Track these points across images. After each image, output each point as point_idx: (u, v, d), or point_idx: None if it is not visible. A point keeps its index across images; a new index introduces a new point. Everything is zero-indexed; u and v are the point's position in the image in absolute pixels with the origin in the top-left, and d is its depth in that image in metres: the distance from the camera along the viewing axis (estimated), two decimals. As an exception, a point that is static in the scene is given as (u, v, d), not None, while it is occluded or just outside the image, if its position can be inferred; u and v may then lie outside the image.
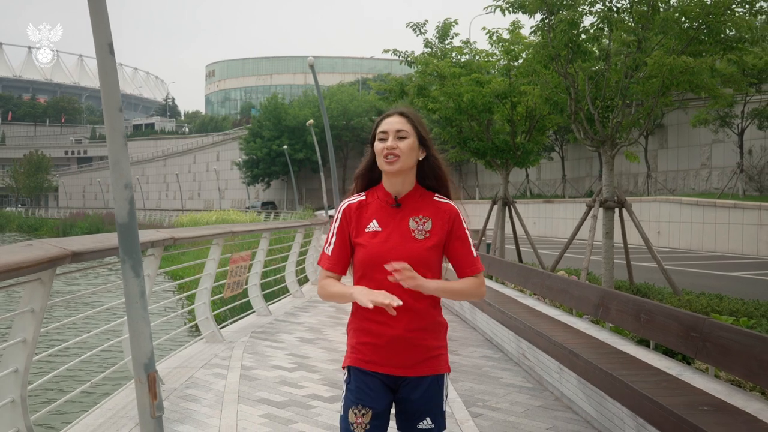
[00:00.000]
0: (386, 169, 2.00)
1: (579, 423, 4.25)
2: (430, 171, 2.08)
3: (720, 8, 6.17)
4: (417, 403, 2.02)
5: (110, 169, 3.87)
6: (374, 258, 1.97)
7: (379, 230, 2.01)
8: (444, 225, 2.03)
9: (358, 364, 2.03)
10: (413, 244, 1.99)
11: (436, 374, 2.04)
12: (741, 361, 3.45)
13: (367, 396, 2.00)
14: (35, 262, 3.21)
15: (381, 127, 2.05)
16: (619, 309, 4.80)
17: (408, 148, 2.00)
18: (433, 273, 2.00)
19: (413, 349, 1.99)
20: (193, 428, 4.14)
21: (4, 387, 3.32)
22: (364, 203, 2.06)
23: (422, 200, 2.06)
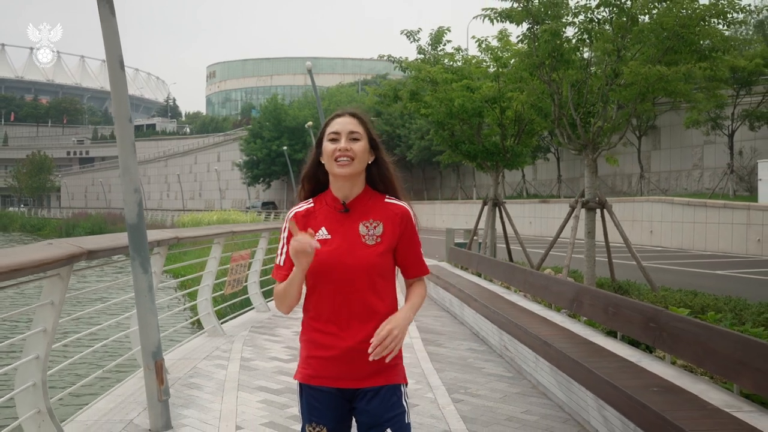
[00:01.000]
0: (338, 172, 1.90)
1: (551, 407, 4.63)
2: (379, 175, 1.99)
3: (694, 20, 6.55)
4: (375, 414, 1.92)
5: (121, 175, 4.28)
6: (325, 267, 1.89)
7: (329, 237, 1.92)
8: (395, 228, 1.95)
9: (309, 381, 1.94)
10: (364, 251, 1.90)
11: (392, 384, 1.94)
12: (690, 348, 3.83)
13: (321, 413, 1.94)
14: (56, 259, 3.57)
15: (332, 127, 1.95)
16: (591, 303, 5.18)
17: (361, 150, 1.92)
18: (385, 279, 1.94)
19: (366, 360, 1.86)
20: (196, 412, 4.51)
21: (27, 371, 3.67)
22: (312, 210, 1.98)
23: (371, 203, 1.97)
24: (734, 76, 17.38)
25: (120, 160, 4.22)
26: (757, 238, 16.03)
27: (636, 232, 20.18)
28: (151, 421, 4.19)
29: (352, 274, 1.89)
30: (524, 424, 4.28)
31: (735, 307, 6.31)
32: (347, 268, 1.89)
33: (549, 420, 4.36)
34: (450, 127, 10.97)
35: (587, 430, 4.11)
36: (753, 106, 19.21)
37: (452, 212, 31.73)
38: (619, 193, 26.82)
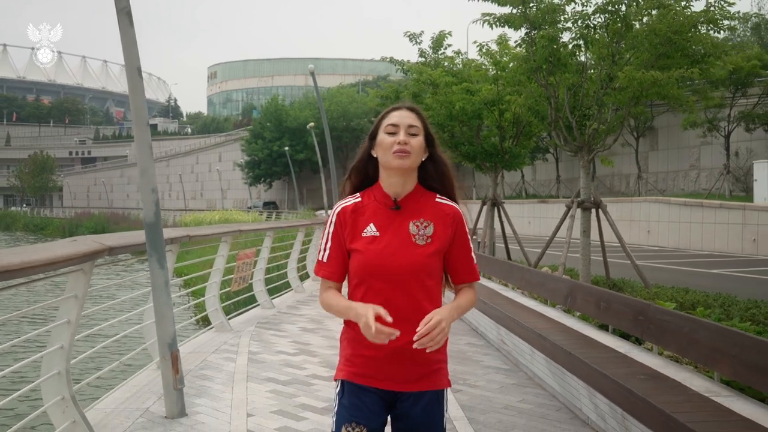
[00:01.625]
0: (395, 164, 1.85)
1: (546, 397, 4.88)
2: (434, 172, 1.95)
3: (686, 27, 6.79)
4: (417, 420, 1.89)
5: (139, 177, 4.54)
6: (373, 266, 1.85)
7: (377, 235, 1.87)
8: (447, 229, 1.90)
9: (353, 378, 1.90)
10: (414, 251, 1.85)
11: (437, 389, 1.92)
12: (675, 339, 4.08)
13: (362, 413, 1.88)
14: (80, 254, 3.80)
15: (390, 119, 1.90)
16: (584, 298, 5.43)
17: (419, 145, 1.88)
18: (434, 280, 1.89)
19: (414, 362, 1.86)
20: (209, 401, 4.76)
21: (52, 360, 3.91)
22: (360, 205, 1.92)
23: (423, 202, 1.92)
24: (731, 77, 17.66)
25: (138, 162, 4.47)
26: (753, 238, 16.27)
27: (634, 231, 20.43)
28: (167, 409, 4.43)
29: (401, 273, 1.84)
30: (520, 412, 4.53)
31: (724, 303, 6.56)
32: (396, 268, 1.84)
33: (543, 408, 4.61)
34: (450, 128, 11.24)
35: (579, 417, 4.36)
36: (749, 107, 19.47)
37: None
38: (617, 193, 27.09)
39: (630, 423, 3.58)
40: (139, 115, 4.52)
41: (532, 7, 7.60)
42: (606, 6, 7.21)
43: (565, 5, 7.83)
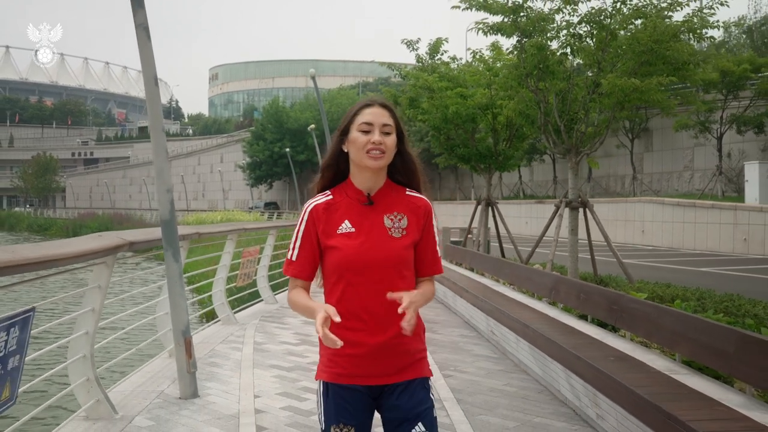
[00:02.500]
0: (370, 165, 1.85)
1: (529, 381, 5.29)
2: (402, 166, 1.95)
3: (667, 36, 7.20)
4: (405, 408, 1.88)
5: (155, 178, 4.97)
6: (351, 261, 1.84)
7: (353, 231, 1.87)
8: (419, 221, 1.92)
9: (336, 379, 1.88)
10: (391, 244, 1.86)
11: (422, 377, 1.92)
12: (643, 325, 4.49)
13: (349, 413, 1.88)
14: (105, 248, 4.22)
15: (363, 117, 1.87)
16: (566, 291, 5.84)
17: (393, 144, 1.87)
18: (411, 272, 1.91)
19: (397, 355, 1.87)
20: (219, 385, 5.18)
21: (78, 345, 4.32)
22: (332, 203, 1.92)
23: (394, 196, 1.93)
24: (723, 81, 18.08)
25: (155, 165, 4.89)
26: (743, 238, 16.66)
27: (628, 231, 20.84)
28: (180, 390, 4.84)
29: (381, 267, 1.84)
30: (504, 394, 4.94)
31: (701, 296, 6.96)
32: (375, 262, 1.84)
33: (526, 391, 5.02)
34: (446, 131, 11.67)
35: (557, 397, 4.77)
36: (740, 110, 19.88)
37: (451, 212, 32.38)
38: (612, 193, 27.50)
39: (599, 399, 3.99)
40: (156, 122, 4.95)
41: (523, 16, 8.02)
42: (591, 16, 7.62)
43: (554, 14, 8.23)
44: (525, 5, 7.96)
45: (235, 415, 4.44)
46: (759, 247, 16.19)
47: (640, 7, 7.70)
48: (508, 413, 4.46)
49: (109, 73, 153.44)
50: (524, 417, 4.39)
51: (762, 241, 16.12)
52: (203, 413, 4.46)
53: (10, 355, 3.19)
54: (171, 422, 4.26)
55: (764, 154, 21.22)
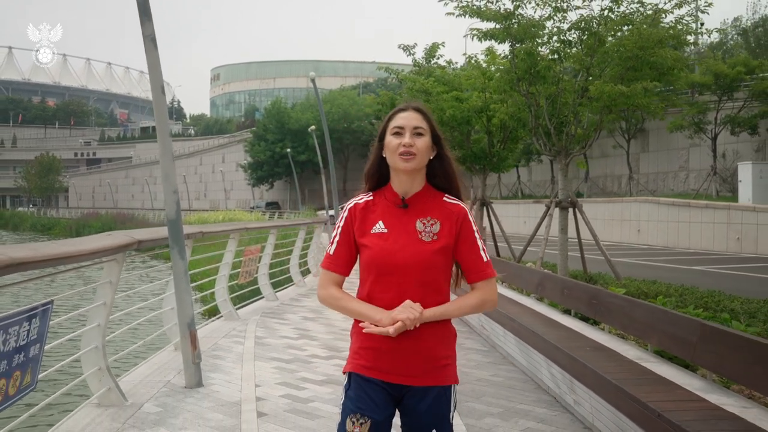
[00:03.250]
0: (401, 167, 1.91)
1: (515, 372, 5.59)
2: (440, 170, 1.99)
3: (652, 43, 7.49)
4: (424, 415, 1.91)
5: (162, 180, 5.28)
6: (380, 260, 1.90)
7: (385, 231, 1.93)
8: (453, 226, 1.94)
9: (359, 370, 1.93)
10: (420, 247, 1.90)
11: (443, 385, 1.93)
12: (619, 318, 4.80)
13: (367, 405, 1.90)
14: (116, 246, 4.52)
15: (396, 121, 1.94)
16: (551, 287, 6.15)
17: (425, 146, 1.92)
18: (441, 276, 1.93)
19: (420, 357, 1.90)
20: (222, 375, 5.48)
21: (91, 336, 4.62)
22: (371, 203, 2.00)
23: (431, 201, 1.97)
24: (717, 82, 18.37)
25: (161, 167, 5.21)
26: (737, 237, 16.94)
27: (624, 230, 21.13)
28: (186, 380, 5.14)
29: (407, 269, 1.88)
30: (491, 383, 5.24)
31: (684, 293, 7.26)
32: (402, 263, 1.88)
33: (512, 381, 5.33)
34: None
35: (540, 386, 5.07)
36: (735, 111, 20.16)
37: (450, 212, 32.73)
38: (609, 193, 27.80)
39: (576, 386, 4.29)
40: (162, 128, 5.26)
41: (514, 23, 8.31)
42: (579, 23, 7.91)
43: (545, 21, 8.53)
44: (516, 12, 8.26)
45: (237, 402, 4.74)
46: (752, 246, 16.47)
47: (628, 14, 7.99)
48: (493, 401, 4.77)
49: (112, 74, 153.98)
50: (508, 404, 4.69)
51: (755, 240, 16.40)
52: (207, 401, 4.76)
53: (32, 343, 3.49)
54: (177, 409, 4.57)
55: (758, 154, 21.52)
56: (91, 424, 4.22)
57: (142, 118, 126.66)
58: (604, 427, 3.85)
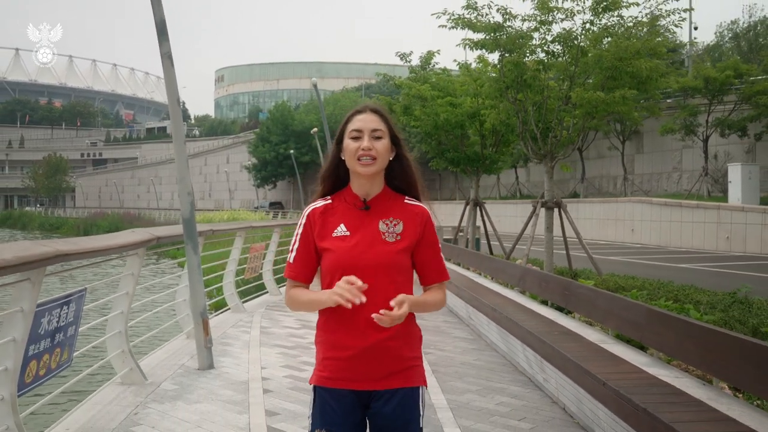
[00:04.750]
0: (360, 171, 1.88)
1: (496, 357, 6.17)
2: (400, 172, 1.97)
3: (628, 54, 8.05)
4: (390, 419, 1.88)
5: (178, 183, 5.89)
6: (344, 263, 1.86)
7: (348, 234, 1.90)
8: (416, 228, 1.93)
9: (324, 383, 1.91)
10: (384, 247, 1.88)
11: (410, 386, 1.90)
12: (585, 306, 5.37)
13: (332, 418, 1.88)
14: (139, 242, 5.11)
15: (353, 124, 1.90)
16: (531, 280, 6.72)
17: (384, 149, 1.89)
18: (404, 277, 1.91)
19: (386, 360, 1.87)
20: (231, 359, 6.07)
21: (115, 322, 5.20)
22: (330, 207, 1.96)
23: (392, 202, 1.95)
24: (707, 86, 18.92)
25: (177, 172, 5.81)
26: (726, 236, 17.46)
27: (619, 230, 21.68)
28: (199, 362, 5.73)
29: (373, 270, 1.85)
30: (473, 366, 5.82)
31: (658, 287, 7.82)
32: (368, 265, 1.85)
33: (492, 364, 5.91)
34: (437, 137, 12.59)
35: (517, 368, 5.65)
36: (725, 114, 20.69)
37: (450, 212, 33.21)
38: (605, 193, 28.33)
39: (545, 365, 4.87)
40: (178, 136, 5.86)
41: (502, 34, 8.88)
42: (562, 36, 8.48)
43: (532, 32, 9.10)
44: (505, 24, 8.83)
45: (245, 381, 5.33)
46: (740, 245, 16.99)
47: (609, 27, 8.56)
48: (473, 380, 5.35)
49: (117, 75, 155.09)
50: (486, 383, 5.27)
51: (743, 239, 16.92)
52: (219, 380, 5.35)
53: (69, 325, 4.08)
54: (192, 386, 5.15)
55: (748, 156, 22.04)
56: (116, 399, 4.81)
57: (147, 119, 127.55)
58: (567, 400, 4.43)
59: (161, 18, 5.71)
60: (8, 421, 3.35)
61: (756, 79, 19.46)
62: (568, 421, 4.33)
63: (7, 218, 71.55)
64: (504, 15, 8.76)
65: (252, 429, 4.16)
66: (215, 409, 4.57)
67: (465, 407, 4.60)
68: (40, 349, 3.67)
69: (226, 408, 4.61)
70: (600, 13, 8.21)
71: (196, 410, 4.54)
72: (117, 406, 4.61)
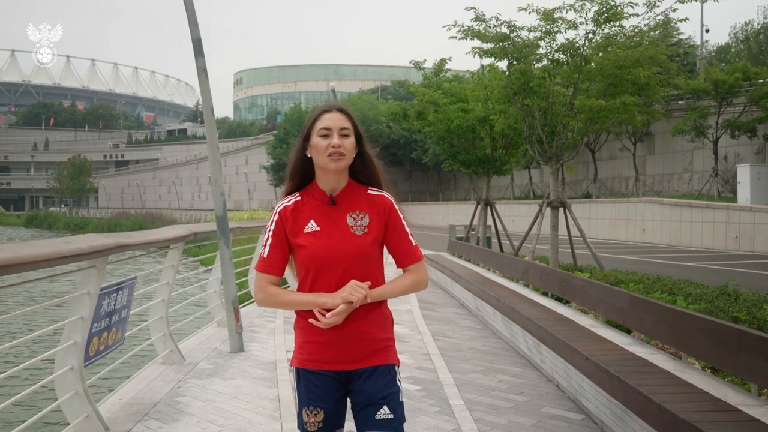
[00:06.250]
0: (331, 167, 1.98)
1: (500, 343, 6.74)
2: (362, 167, 2.07)
3: (628, 63, 8.56)
4: (371, 392, 2.01)
5: (212, 185, 6.54)
6: (317, 258, 1.97)
7: (318, 229, 2.00)
8: (381, 218, 2.04)
9: (306, 365, 2.03)
10: (354, 241, 1.99)
11: (387, 363, 2.04)
12: (580, 295, 5.92)
13: (318, 396, 2.01)
14: (179, 236, 5.75)
15: (322, 123, 2.00)
16: (533, 273, 7.28)
17: (351, 146, 2.00)
18: (374, 267, 2.02)
19: (361, 343, 2.00)
20: (258, 344, 6.71)
21: (157, 309, 5.83)
22: (300, 204, 2.06)
23: (357, 195, 2.05)
24: (716, 89, 19.26)
25: (211, 175, 6.47)
26: (735, 236, 17.79)
27: (630, 230, 22.05)
28: (231, 346, 6.37)
29: (344, 263, 1.97)
30: (479, 351, 6.40)
31: (655, 281, 8.30)
32: (340, 258, 1.97)
33: (496, 349, 6.48)
34: (449, 140, 13.19)
35: (518, 352, 6.21)
36: (735, 116, 20.98)
37: (464, 212, 33.78)
38: (617, 194, 28.66)
39: (541, 347, 5.43)
40: (212, 141, 6.51)
41: (509, 44, 9.44)
42: (566, 46, 9.02)
43: (539, 41, 9.64)
44: (512, 35, 9.39)
45: (273, 362, 5.96)
46: (749, 244, 17.32)
47: (611, 36, 9.07)
48: (478, 363, 5.93)
49: (138, 78, 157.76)
50: (490, 365, 5.85)
51: (751, 238, 17.24)
52: (249, 361, 5.99)
53: (122, 308, 4.73)
54: (226, 366, 5.79)
55: (758, 157, 22.29)
56: (160, 376, 5.46)
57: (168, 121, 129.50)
58: (559, 377, 4.99)
59: (197, 37, 6.36)
60: (77, 386, 3.98)
61: (766, 81, 19.74)
62: (560, 395, 4.89)
63: (33, 218, 73.58)
64: (509, 27, 9.31)
65: (281, 399, 4.78)
66: (248, 384, 5.20)
67: (469, 384, 5.18)
68: (100, 327, 4.30)
69: (257, 383, 5.23)
70: (602, 23, 8.73)
71: (231, 385, 5.17)
72: (161, 382, 5.26)
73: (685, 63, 25.93)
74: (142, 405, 4.60)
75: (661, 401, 3.22)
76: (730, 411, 3.16)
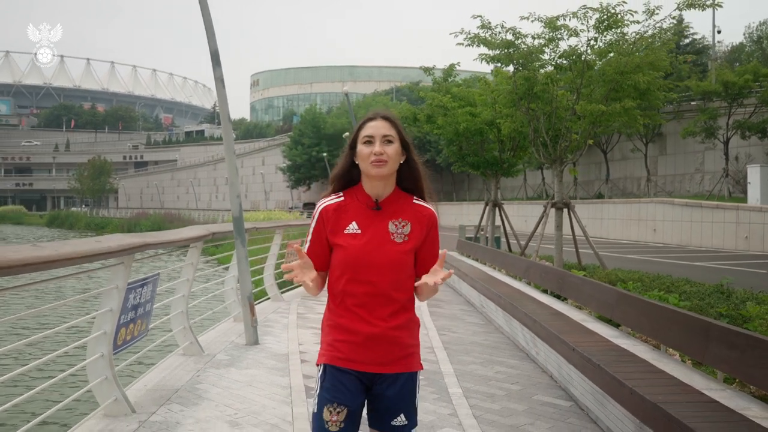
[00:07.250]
0: (374, 173, 2.01)
1: (501, 337, 7.08)
2: (409, 174, 2.10)
3: (629, 68, 8.85)
4: (392, 400, 2.05)
5: (229, 187, 6.96)
6: (354, 260, 2.01)
7: (359, 232, 2.03)
8: (423, 229, 2.07)
9: (334, 362, 2.04)
10: (392, 247, 2.02)
11: (410, 371, 2.08)
12: (574, 292, 6.25)
13: (343, 394, 2.02)
14: (199, 236, 6.16)
15: (366, 131, 2.05)
16: (534, 271, 7.62)
17: (395, 153, 2.03)
18: (408, 274, 2.06)
19: (390, 346, 2.03)
20: (272, 338, 7.12)
21: (178, 304, 6.25)
22: (343, 204, 2.09)
23: (401, 203, 2.08)
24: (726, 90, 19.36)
25: (228, 178, 6.89)
26: (745, 236, 17.89)
27: (641, 230, 22.19)
28: (246, 339, 6.78)
29: (380, 267, 2.00)
30: (480, 345, 6.75)
31: (655, 280, 8.58)
32: (376, 263, 2.00)
33: (497, 343, 6.83)
34: (458, 143, 13.55)
35: (517, 346, 6.55)
36: (745, 117, 21.03)
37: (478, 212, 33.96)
38: (629, 194, 28.76)
39: (537, 340, 5.77)
40: (228, 147, 6.94)
41: (514, 51, 9.77)
42: (568, 52, 9.32)
43: (544, 47, 9.95)
44: (517, 42, 9.72)
45: (286, 354, 6.36)
46: (759, 244, 17.42)
47: (613, 42, 9.36)
48: (479, 355, 6.28)
49: (156, 80, 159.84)
50: (490, 357, 6.20)
51: (762, 238, 17.35)
52: (264, 353, 6.39)
53: (147, 302, 5.15)
54: (242, 357, 6.20)
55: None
56: (180, 365, 5.88)
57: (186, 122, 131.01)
58: (552, 368, 5.34)
59: (215, 49, 6.79)
60: (107, 372, 4.39)
61: (776, 82, 19.82)
62: (552, 384, 5.24)
63: (55, 218, 75.13)
64: (514, 35, 9.64)
65: (293, 387, 5.17)
66: (262, 373, 5.60)
67: (468, 374, 5.54)
68: (127, 319, 4.72)
69: (271, 373, 5.63)
70: (603, 30, 9.02)
71: (247, 374, 5.58)
72: (182, 371, 5.67)
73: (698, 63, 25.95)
74: (165, 391, 5.00)
75: (633, 386, 3.56)
76: (693, 393, 3.50)
